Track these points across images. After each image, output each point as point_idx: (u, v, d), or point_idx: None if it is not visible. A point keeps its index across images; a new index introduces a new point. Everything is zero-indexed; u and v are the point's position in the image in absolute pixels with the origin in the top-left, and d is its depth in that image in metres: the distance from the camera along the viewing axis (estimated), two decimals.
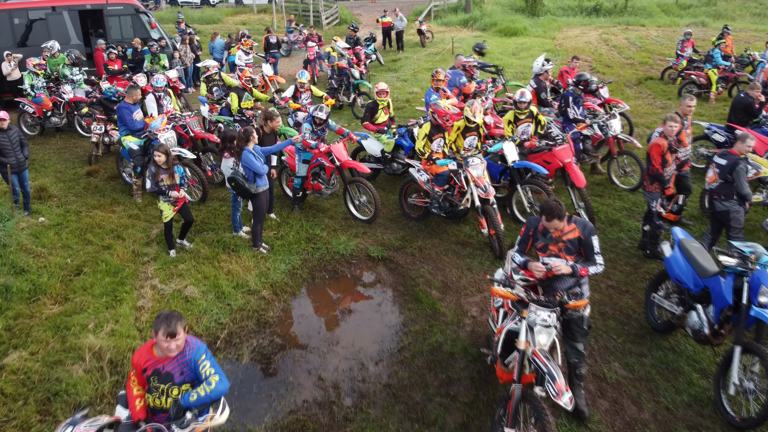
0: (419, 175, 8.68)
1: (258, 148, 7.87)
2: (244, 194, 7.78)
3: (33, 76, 13.27)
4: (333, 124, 9.29)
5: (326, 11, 33.50)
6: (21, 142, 9.00)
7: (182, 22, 23.72)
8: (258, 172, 7.65)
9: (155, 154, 7.50)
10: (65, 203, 9.78)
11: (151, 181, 7.52)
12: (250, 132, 7.68)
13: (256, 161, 7.61)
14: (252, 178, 7.70)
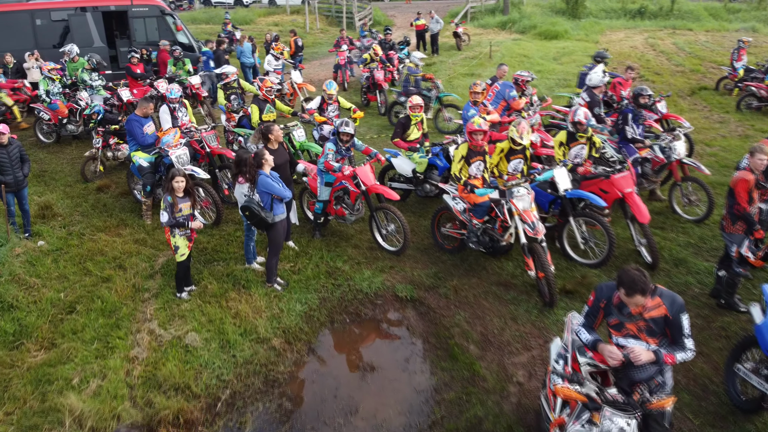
0: (454, 203, 7.65)
1: (274, 173, 6.94)
2: (259, 225, 6.86)
3: (48, 81, 12.65)
4: (359, 143, 8.33)
5: (360, 12, 32.62)
6: (22, 158, 8.27)
7: (228, 23, 22.93)
8: (281, 195, 6.73)
9: (174, 182, 6.55)
10: (69, 223, 9.03)
11: (168, 213, 6.55)
12: (261, 156, 6.75)
13: (275, 184, 6.69)
14: (269, 206, 6.77)
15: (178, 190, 6.56)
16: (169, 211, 6.53)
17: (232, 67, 11.90)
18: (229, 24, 23.36)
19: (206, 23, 33.77)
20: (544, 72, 19.47)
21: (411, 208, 9.55)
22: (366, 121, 14.82)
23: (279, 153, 7.55)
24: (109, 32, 17.25)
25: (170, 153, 8.70)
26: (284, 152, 7.71)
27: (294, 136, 9.86)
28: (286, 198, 6.81)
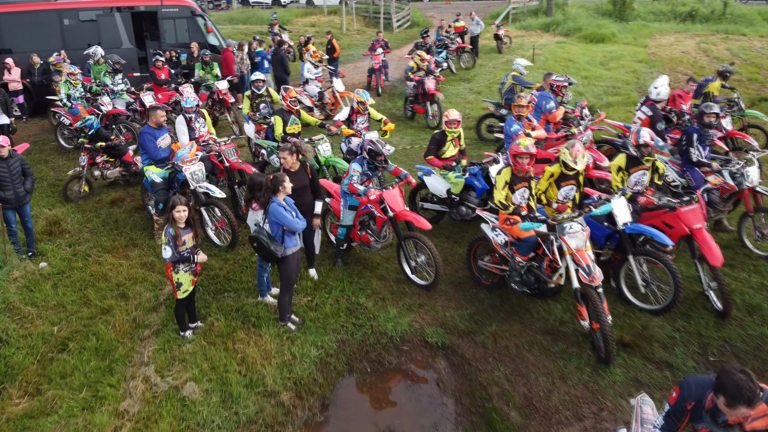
0: (494, 234, 6.73)
1: (289, 200, 6.15)
2: (268, 257, 6.07)
3: (69, 85, 12.16)
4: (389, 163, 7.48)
5: (398, 13, 31.77)
6: (24, 172, 7.68)
7: (276, 24, 22.16)
8: (291, 227, 5.92)
9: (175, 212, 5.79)
10: (76, 242, 8.42)
11: (171, 248, 5.79)
12: (280, 181, 5.95)
13: (287, 214, 5.88)
14: (280, 237, 5.98)
15: (179, 220, 5.81)
16: (172, 245, 5.79)
17: (260, 74, 11.18)
18: (276, 25, 22.41)
19: (243, 23, 33.40)
20: (591, 78, 18.30)
21: (444, 231, 8.66)
22: (398, 131, 13.95)
23: (298, 176, 6.74)
24: (138, 33, 16.80)
25: (184, 169, 7.99)
26: (304, 176, 6.89)
27: (319, 150, 9.07)
28: (297, 230, 6.00)
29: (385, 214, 7.03)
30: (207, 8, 39.69)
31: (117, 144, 10.15)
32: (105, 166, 10.23)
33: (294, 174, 6.66)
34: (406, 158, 12.00)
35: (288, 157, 6.69)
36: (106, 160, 10.26)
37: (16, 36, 15.33)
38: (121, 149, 10.25)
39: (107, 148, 10.06)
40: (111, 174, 10.27)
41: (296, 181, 6.56)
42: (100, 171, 10.19)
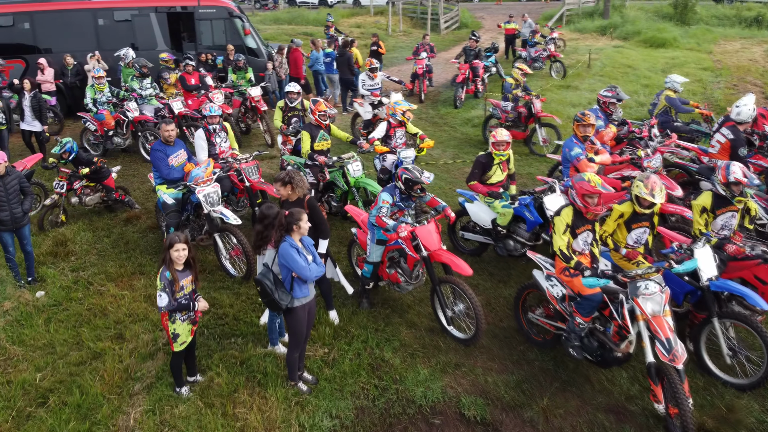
0: (549, 284, 5.64)
1: (308, 240, 5.20)
2: (272, 306, 5.14)
3: (95, 89, 11.57)
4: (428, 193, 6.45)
5: (446, 14, 30.61)
6: (23, 191, 6.98)
7: (332, 26, 21.29)
8: (301, 275, 4.97)
9: (173, 251, 4.92)
10: (81, 266, 7.70)
11: (167, 295, 4.90)
12: (296, 218, 5.01)
13: (299, 259, 4.93)
14: (288, 284, 5.04)
15: (177, 261, 4.95)
16: (168, 291, 4.92)
17: (296, 85, 10.28)
18: (332, 27, 21.29)
19: (288, 24, 32.87)
20: (653, 87, 16.77)
21: (488, 267, 7.59)
22: (440, 143, 12.91)
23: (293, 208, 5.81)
24: (174, 35, 16.22)
25: (197, 191, 7.17)
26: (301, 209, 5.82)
27: (349, 170, 8.11)
28: (309, 279, 5.04)
29: (418, 253, 6.02)
30: (253, 8, 39.46)
31: (100, 167, 9.06)
32: (84, 192, 9.07)
33: (289, 207, 5.72)
34: (447, 175, 10.95)
35: (281, 189, 5.83)
36: (86, 185, 9.12)
37: (50, 36, 14.93)
38: (103, 173, 9.15)
39: (92, 173, 8.98)
40: (91, 200, 9.11)
41: None
42: (78, 197, 9.03)
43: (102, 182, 9.19)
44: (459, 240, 8.01)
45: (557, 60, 18.51)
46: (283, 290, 5.01)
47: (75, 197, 9.04)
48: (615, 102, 8.87)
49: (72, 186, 8.93)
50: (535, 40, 18.89)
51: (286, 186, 5.79)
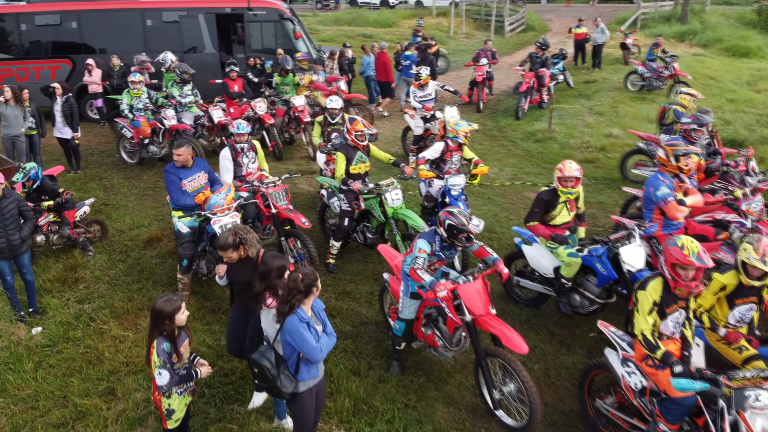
0: (625, 370, 4.42)
1: (319, 304, 4.18)
2: (273, 393, 4.14)
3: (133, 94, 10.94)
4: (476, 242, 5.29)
5: (511, 16, 29.09)
6: (23, 215, 6.28)
7: (420, 31, 20.26)
8: (311, 357, 3.96)
9: (179, 314, 4.03)
10: (87, 297, 6.96)
11: (168, 372, 3.98)
12: (311, 281, 4.00)
13: (309, 337, 3.91)
14: (293, 365, 4.03)
15: (179, 323, 4.03)
16: (170, 367, 4.00)
17: (339, 101, 9.31)
18: (420, 31, 19.93)
19: (348, 25, 32.15)
20: (739, 102, 14.94)
21: (547, 324, 6.38)
22: (496, 159, 11.71)
23: (239, 270, 4.84)
24: (223, 37, 15.60)
25: (213, 221, 6.28)
26: (249, 269, 4.74)
27: (386, 199, 7.04)
28: (317, 360, 4.02)
29: (460, 317, 4.90)
30: (314, 8, 38.95)
31: (66, 200, 7.74)
32: (51, 229, 7.67)
33: (233, 266, 4.84)
34: (503, 199, 9.73)
35: (234, 255, 4.71)
36: (53, 221, 7.66)
37: (97, 36, 14.58)
38: (68, 205, 7.81)
39: (55, 206, 7.68)
40: (59, 240, 7.72)
41: (233, 274, 4.92)
42: (45, 235, 7.59)
43: (62, 212, 7.76)
44: (513, 286, 6.82)
45: (681, 81, 15.25)
46: (286, 374, 4.00)
47: (40, 235, 7.56)
48: (697, 128, 7.48)
49: (37, 222, 7.35)
50: (657, 55, 16.72)
51: (238, 249, 4.72)
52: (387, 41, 25.72)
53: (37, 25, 14.31)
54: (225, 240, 4.66)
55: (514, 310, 6.68)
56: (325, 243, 7.99)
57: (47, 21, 14.30)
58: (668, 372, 3.95)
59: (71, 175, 10.93)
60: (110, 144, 12.80)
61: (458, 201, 7.27)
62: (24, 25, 14.31)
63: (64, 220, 7.77)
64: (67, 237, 7.74)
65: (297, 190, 10.22)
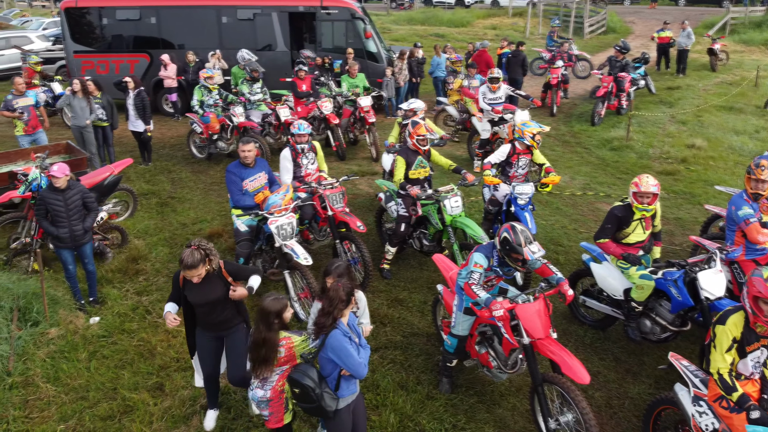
0: (696, 410, 3.99)
1: (351, 316, 3.99)
2: (315, 412, 3.95)
3: (204, 90, 11.13)
4: (536, 259, 4.94)
5: (591, 17, 28.01)
6: (87, 207, 6.41)
7: (555, 31, 19.86)
8: (355, 372, 3.77)
9: (284, 319, 3.93)
10: (146, 289, 7.06)
11: None
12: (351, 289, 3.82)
13: (353, 352, 3.73)
14: (334, 382, 3.84)
15: (286, 320, 3.99)
16: None
17: (421, 102, 9.09)
18: (555, 32, 19.61)
19: (421, 24, 31.93)
20: None
21: (613, 349, 5.94)
22: (568, 167, 11.15)
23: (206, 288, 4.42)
24: (295, 35, 15.70)
25: (270, 221, 6.21)
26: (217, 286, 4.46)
27: (445, 206, 6.75)
28: (361, 376, 3.81)
29: (516, 338, 4.58)
30: (388, 6, 38.94)
31: None
32: None
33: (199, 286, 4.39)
34: (572, 210, 9.24)
35: (201, 270, 4.29)
36: None
37: (174, 31, 15.01)
38: None
39: None
40: None
41: (199, 295, 4.41)
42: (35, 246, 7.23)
43: None
44: (578, 306, 6.40)
45: None
46: (328, 392, 3.81)
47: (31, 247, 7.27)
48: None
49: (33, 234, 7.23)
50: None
51: (206, 262, 4.33)
52: (459, 41, 25.48)
53: (118, 19, 14.86)
54: (191, 257, 4.19)
55: (577, 331, 6.26)
56: (381, 247, 7.81)
57: (128, 16, 14.83)
58: (744, 417, 3.52)
59: (142, 167, 11.23)
60: (182, 138, 13.10)
61: (524, 211, 6.90)
62: (106, 19, 14.90)
63: None
64: (35, 253, 7.12)
65: (356, 191, 10.09)
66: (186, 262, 4.18)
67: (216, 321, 4.53)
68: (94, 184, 8.07)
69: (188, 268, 4.19)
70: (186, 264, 4.19)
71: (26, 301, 6.10)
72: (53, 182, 6.11)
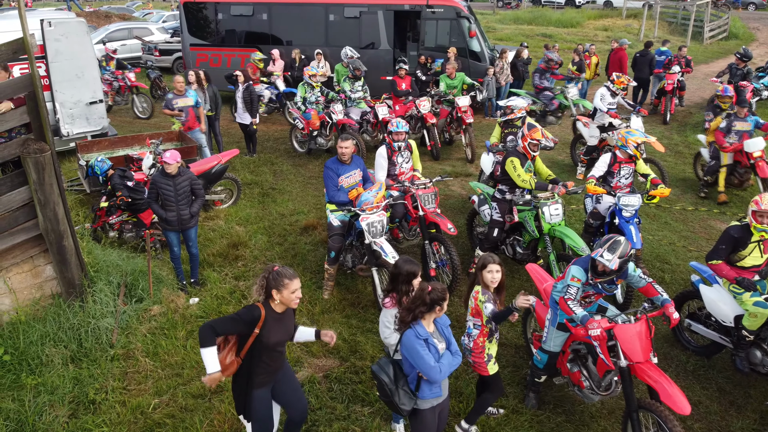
0: None
1: (444, 320, 3.92)
2: (391, 406, 3.92)
3: (307, 87, 11.42)
4: (637, 272, 4.64)
5: (712, 22, 26.18)
6: (194, 193, 6.73)
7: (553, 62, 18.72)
8: (429, 376, 3.70)
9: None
10: (244, 274, 7.33)
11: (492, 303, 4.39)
12: (438, 297, 3.75)
13: (426, 356, 3.66)
14: (414, 383, 3.80)
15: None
16: None
17: (521, 101, 8.85)
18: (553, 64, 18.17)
19: (528, 24, 31.16)
20: None
21: (717, 378, 5.52)
22: (680, 180, 10.45)
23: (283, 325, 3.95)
24: (399, 34, 15.76)
25: (361, 219, 6.27)
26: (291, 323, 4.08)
27: (544, 213, 6.50)
28: (436, 381, 3.73)
29: (613, 360, 4.32)
30: (495, 6, 38.33)
31: (137, 198, 7.51)
32: (125, 227, 7.73)
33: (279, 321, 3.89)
34: (682, 226, 8.66)
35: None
36: (125, 220, 7.70)
37: (284, 28, 15.51)
38: (140, 205, 7.53)
39: (128, 204, 7.54)
40: (131, 239, 7.76)
41: (281, 332, 3.90)
42: (116, 232, 7.71)
43: (137, 215, 7.71)
44: (683, 330, 5.97)
45: None
46: (406, 390, 3.78)
47: (113, 232, 7.71)
48: None
49: (107, 219, 7.63)
50: None
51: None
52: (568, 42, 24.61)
53: (232, 15, 15.57)
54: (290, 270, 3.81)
55: (679, 356, 5.85)
56: (471, 251, 7.66)
57: (241, 11, 15.50)
58: None
59: (247, 158, 11.69)
60: (285, 132, 13.54)
61: (629, 224, 6.52)
62: (221, 14, 15.65)
63: (139, 221, 7.71)
64: (140, 238, 7.67)
65: (449, 192, 9.98)
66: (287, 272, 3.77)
67: (279, 365, 4.03)
68: (202, 172, 8.50)
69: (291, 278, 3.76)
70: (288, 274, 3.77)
71: (133, 278, 6.50)
72: (165, 168, 6.46)
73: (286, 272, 3.78)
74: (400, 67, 12.14)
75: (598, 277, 4.44)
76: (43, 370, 5.39)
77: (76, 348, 5.62)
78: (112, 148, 9.59)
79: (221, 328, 3.74)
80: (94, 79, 10.59)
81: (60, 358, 5.49)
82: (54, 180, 5.49)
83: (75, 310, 5.81)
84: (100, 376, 5.40)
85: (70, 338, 5.65)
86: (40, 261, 5.88)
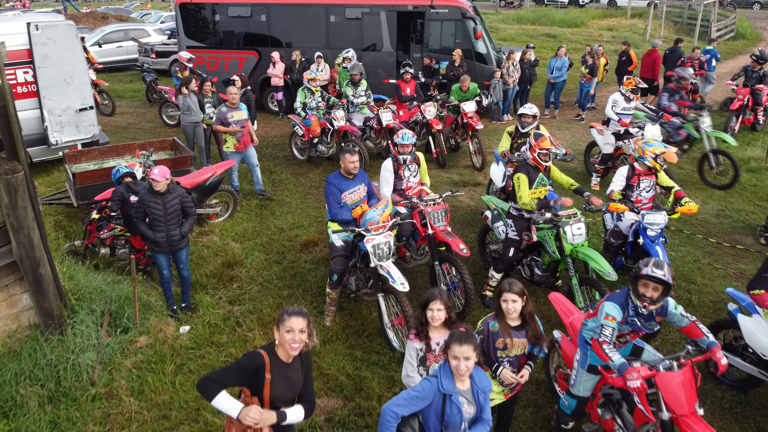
0: None
1: (485, 384, 3.43)
2: None
3: (307, 92, 10.90)
4: (678, 310, 4.13)
5: (719, 21, 25.64)
6: (185, 212, 6.22)
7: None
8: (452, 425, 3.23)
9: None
10: (239, 298, 6.81)
11: None
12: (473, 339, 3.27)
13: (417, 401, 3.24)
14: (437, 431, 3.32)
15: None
16: None
17: (533, 107, 8.24)
18: None
19: (531, 23, 30.65)
20: None
21: (756, 416, 5.05)
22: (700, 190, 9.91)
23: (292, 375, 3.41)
24: (402, 35, 15.25)
25: (366, 239, 5.75)
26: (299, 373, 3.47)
27: (566, 233, 5.97)
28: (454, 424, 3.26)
29: (653, 410, 3.81)
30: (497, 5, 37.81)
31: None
32: (117, 243, 7.21)
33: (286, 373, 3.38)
34: (705, 241, 8.13)
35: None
36: (119, 235, 7.18)
37: (283, 29, 14.99)
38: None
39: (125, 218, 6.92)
40: (124, 254, 7.22)
41: (286, 387, 3.37)
42: (108, 248, 7.18)
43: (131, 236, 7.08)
44: None
45: None
46: None
47: (104, 248, 7.17)
48: None
49: (98, 234, 7.08)
50: None
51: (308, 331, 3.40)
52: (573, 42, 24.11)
53: (230, 16, 15.04)
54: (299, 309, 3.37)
55: (714, 390, 5.35)
56: (484, 270, 7.14)
57: (239, 13, 14.97)
58: None
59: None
60: (285, 137, 13.02)
61: (656, 244, 6.02)
62: (218, 15, 15.12)
63: (129, 243, 7.17)
64: (130, 259, 6.58)
65: (457, 203, 9.46)
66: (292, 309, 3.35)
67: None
68: (196, 184, 8.01)
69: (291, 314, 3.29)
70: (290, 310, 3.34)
71: (119, 305, 5.98)
72: (153, 185, 5.95)
73: (292, 308, 3.34)
74: (405, 71, 11.62)
75: (641, 299, 3.91)
76: (18, 412, 4.88)
77: (53, 387, 5.10)
78: (102, 158, 9.10)
79: (222, 380, 3.25)
80: (84, 84, 10.10)
81: (36, 399, 4.98)
82: (28, 203, 4.98)
83: (53, 344, 5.30)
84: (79, 419, 4.89)
85: (47, 376, 5.12)
86: (15, 290, 5.37)
